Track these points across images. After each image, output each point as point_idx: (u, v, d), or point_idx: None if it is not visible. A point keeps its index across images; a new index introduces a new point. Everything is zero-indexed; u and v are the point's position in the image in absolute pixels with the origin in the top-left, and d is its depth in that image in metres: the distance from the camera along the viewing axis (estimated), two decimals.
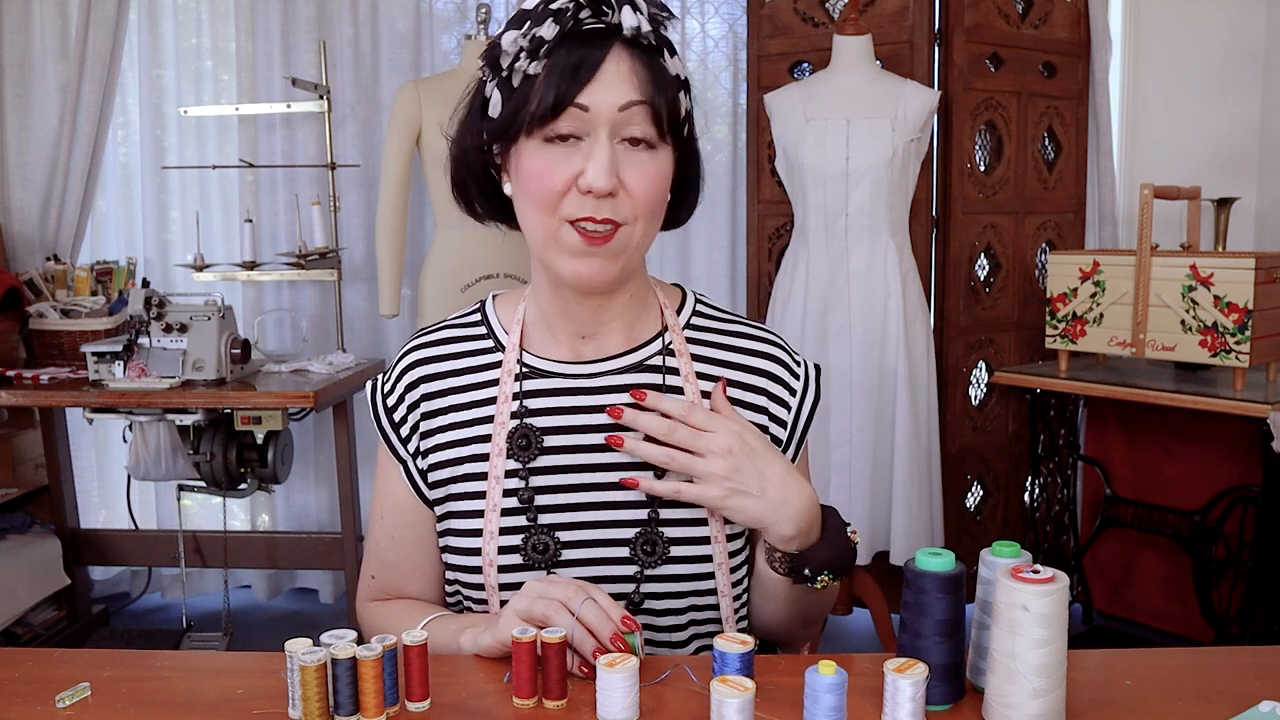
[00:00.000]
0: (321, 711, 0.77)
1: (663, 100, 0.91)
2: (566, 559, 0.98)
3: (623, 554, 0.98)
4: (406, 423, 1.04)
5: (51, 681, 0.87)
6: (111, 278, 2.89)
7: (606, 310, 1.00)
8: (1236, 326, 2.23)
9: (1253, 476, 2.40)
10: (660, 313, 1.05)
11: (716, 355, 1.04)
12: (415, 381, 1.04)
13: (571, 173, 0.90)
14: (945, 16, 2.67)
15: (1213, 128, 3.04)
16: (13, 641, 2.66)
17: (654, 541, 0.98)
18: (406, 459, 1.04)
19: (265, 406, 2.41)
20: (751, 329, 1.07)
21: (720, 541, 0.99)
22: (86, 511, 3.13)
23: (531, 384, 1.02)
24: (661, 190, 0.94)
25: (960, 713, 0.81)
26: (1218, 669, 0.89)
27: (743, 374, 1.03)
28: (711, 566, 0.98)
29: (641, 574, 0.98)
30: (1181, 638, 2.80)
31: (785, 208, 2.69)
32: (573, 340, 1.02)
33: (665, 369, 1.02)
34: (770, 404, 1.03)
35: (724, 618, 1.01)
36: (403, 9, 3.06)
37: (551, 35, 0.88)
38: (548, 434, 1.00)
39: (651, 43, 0.91)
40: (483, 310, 1.08)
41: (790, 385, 1.04)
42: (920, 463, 2.50)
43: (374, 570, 1.09)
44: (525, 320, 1.05)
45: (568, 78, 0.88)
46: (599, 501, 0.99)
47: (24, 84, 2.95)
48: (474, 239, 2.62)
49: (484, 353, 1.05)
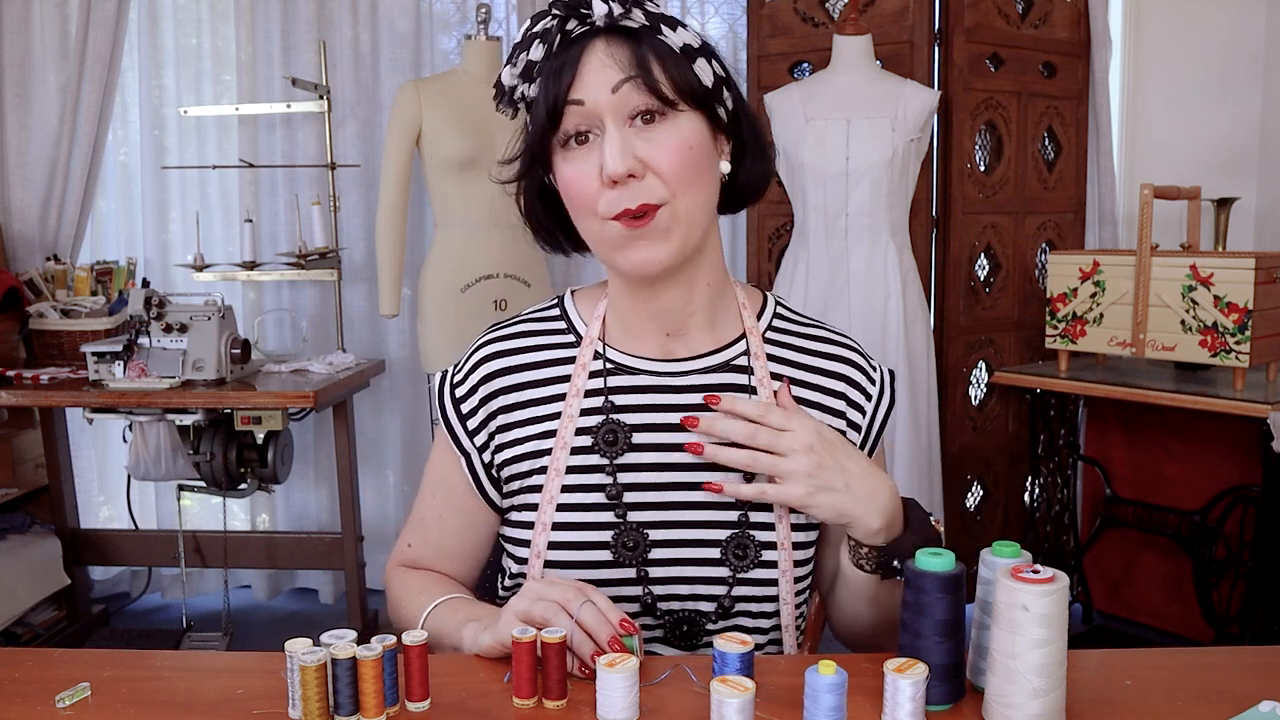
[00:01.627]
0: (321, 711, 0.77)
1: (658, 69, 0.90)
2: (655, 558, 0.98)
3: (713, 555, 0.98)
4: (476, 415, 1.03)
5: (51, 681, 0.87)
6: (111, 278, 2.89)
7: (688, 302, 0.99)
8: (1236, 326, 2.23)
9: (1253, 476, 2.40)
10: (740, 314, 1.04)
11: (795, 358, 1.04)
12: (488, 375, 1.03)
13: (595, 169, 0.90)
14: (945, 16, 2.67)
15: (1213, 128, 3.04)
16: (13, 641, 2.66)
17: (745, 545, 0.98)
18: (471, 451, 1.03)
19: (265, 406, 2.41)
20: (830, 333, 1.07)
21: (786, 548, 0.98)
22: (86, 511, 3.13)
23: (616, 380, 1.01)
24: (689, 158, 0.91)
25: (960, 713, 0.81)
26: (1218, 669, 0.89)
27: (821, 377, 1.03)
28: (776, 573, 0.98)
29: (734, 578, 0.98)
30: (1181, 638, 2.80)
31: (785, 208, 2.69)
32: (659, 337, 1.01)
33: (749, 368, 1.02)
34: (848, 409, 1.03)
35: (784, 625, 1.00)
36: (403, 9, 3.06)
37: (540, 56, 0.91)
38: (636, 431, 0.99)
39: (633, 24, 0.91)
40: (561, 304, 1.07)
41: (867, 390, 1.04)
42: (920, 463, 2.50)
43: (412, 540, 1.10)
44: (606, 320, 1.04)
45: (555, 81, 0.90)
46: (688, 501, 0.98)
47: (24, 84, 2.95)
48: (474, 239, 2.62)
49: (564, 346, 1.03)
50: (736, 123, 0.98)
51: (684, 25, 0.93)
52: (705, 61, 0.93)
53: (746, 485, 0.95)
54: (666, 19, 0.92)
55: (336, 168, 2.93)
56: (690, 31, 0.93)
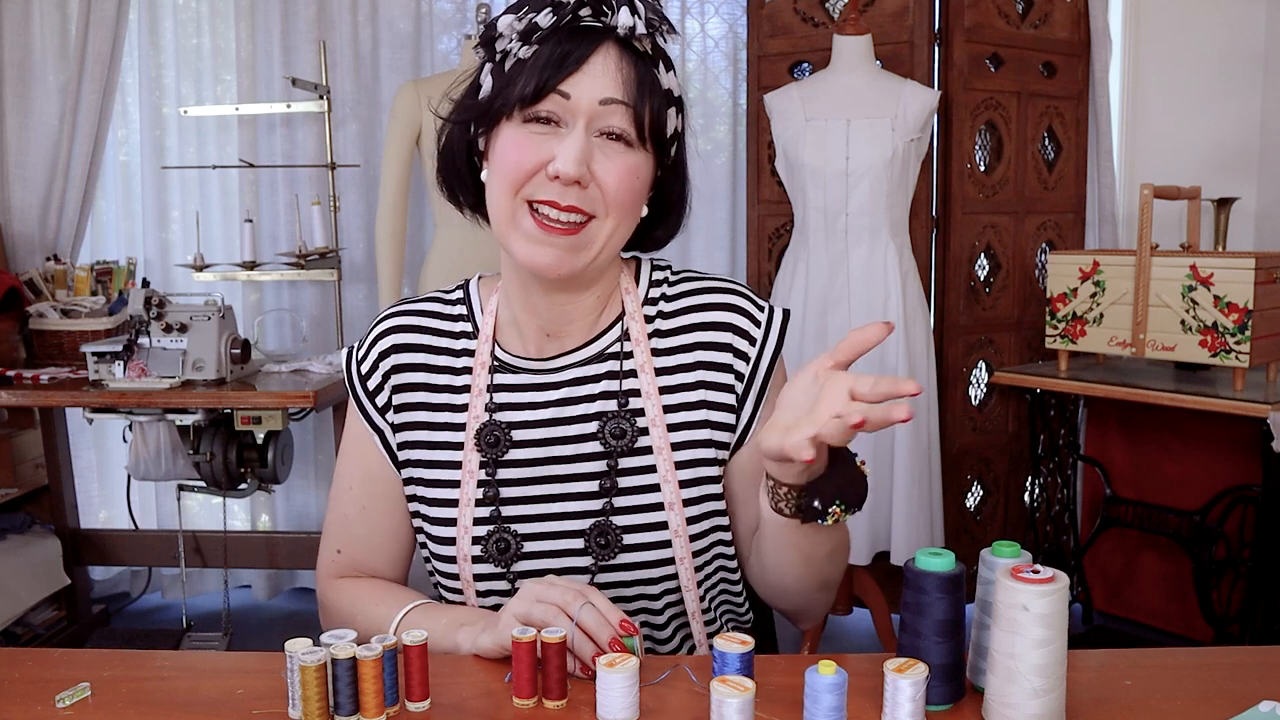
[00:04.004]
0: (321, 711, 0.77)
1: (645, 106, 0.91)
2: (527, 551, 0.99)
3: (578, 545, 0.98)
4: (382, 392, 1.03)
5: (51, 681, 0.87)
6: (111, 278, 2.89)
7: (572, 309, 1.00)
8: (1236, 326, 2.23)
9: (1253, 476, 2.40)
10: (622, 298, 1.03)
11: (675, 324, 1.02)
12: (388, 350, 1.04)
13: (544, 157, 0.90)
14: (945, 16, 2.67)
15: (1213, 128, 3.04)
16: (13, 641, 2.66)
17: (607, 532, 0.97)
18: (384, 428, 1.04)
19: (265, 406, 2.41)
20: (711, 282, 1.05)
21: (680, 535, 0.98)
22: (86, 511, 3.13)
23: (502, 378, 1.02)
24: (634, 187, 0.93)
25: (960, 713, 0.81)
26: (1218, 669, 0.89)
27: (705, 332, 1.01)
28: (671, 553, 0.98)
29: (596, 565, 0.98)
30: (1181, 638, 2.80)
31: (785, 208, 2.69)
32: (539, 337, 1.02)
33: (623, 354, 1.01)
34: (734, 359, 1.01)
35: (689, 612, 1.00)
36: (403, 9, 3.06)
37: (548, 24, 0.89)
38: (516, 429, 1.00)
39: (646, 50, 0.91)
40: (466, 290, 1.07)
41: (751, 334, 1.02)
42: (920, 463, 2.50)
43: (340, 544, 1.07)
44: (498, 316, 1.04)
45: (554, 64, 0.89)
46: (558, 494, 0.99)
47: (24, 84, 2.95)
48: (474, 239, 2.62)
49: (462, 336, 1.04)
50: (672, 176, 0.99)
51: (673, 69, 0.95)
52: (675, 112, 0.95)
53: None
54: (666, 58, 0.94)
55: (336, 168, 2.93)
56: (673, 78, 0.94)
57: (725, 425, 1.01)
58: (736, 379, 1.01)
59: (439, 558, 1.02)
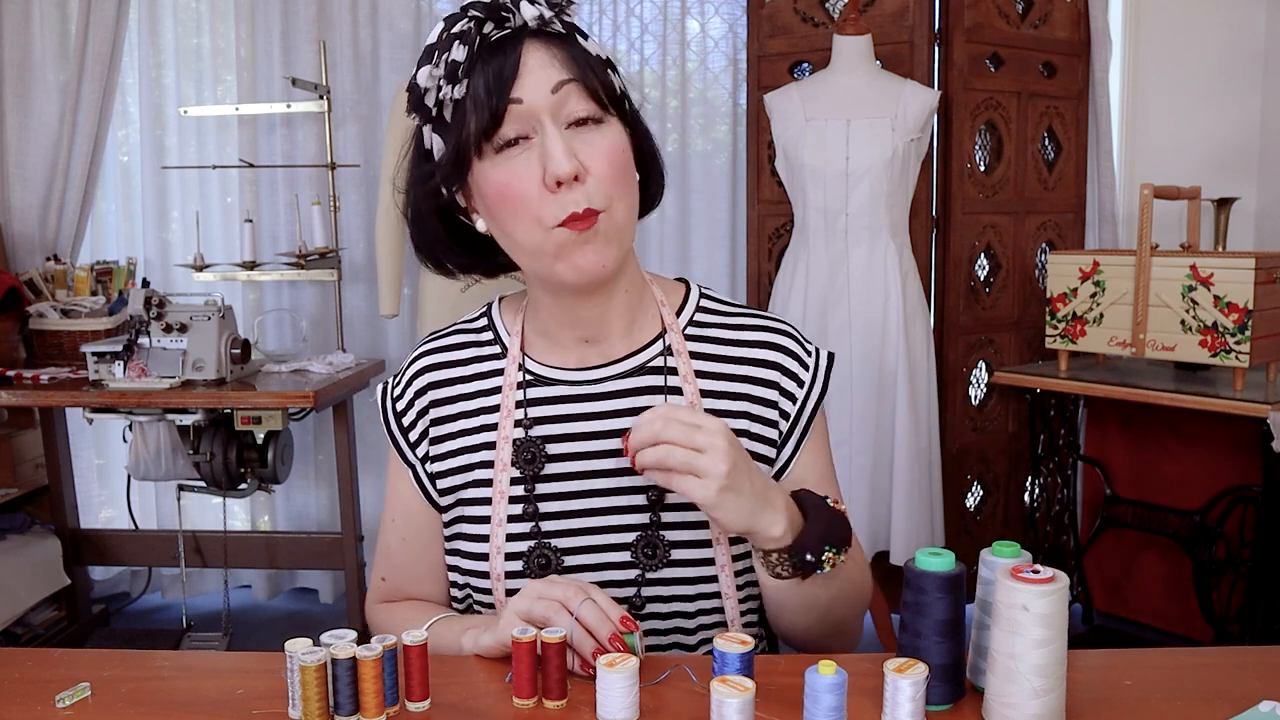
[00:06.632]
0: (321, 711, 0.77)
1: (592, 74, 0.91)
2: (568, 566, 0.98)
3: (624, 558, 0.98)
4: (416, 428, 1.04)
5: (51, 681, 0.87)
6: (111, 278, 2.89)
7: (609, 309, 1.00)
8: (1236, 326, 2.23)
9: (1253, 476, 2.40)
10: (659, 312, 1.04)
11: (720, 352, 1.03)
12: (424, 388, 1.04)
13: (535, 173, 0.89)
14: (945, 16, 2.67)
15: (1213, 128, 3.04)
16: (13, 641, 2.66)
17: (654, 544, 0.97)
18: (415, 463, 1.04)
19: (265, 406, 2.41)
20: (760, 319, 1.05)
21: (722, 544, 0.98)
22: (86, 511, 3.13)
23: (536, 392, 1.01)
24: (623, 162, 0.92)
25: (960, 713, 0.81)
26: (1218, 669, 0.89)
27: (750, 368, 1.02)
28: (715, 569, 0.98)
29: (642, 577, 0.97)
30: (1181, 638, 2.80)
31: (785, 208, 2.69)
32: (578, 346, 1.01)
33: (666, 369, 1.01)
34: (780, 398, 1.02)
35: (729, 620, 1.00)
36: (403, 9, 3.06)
37: (463, 56, 0.88)
38: (551, 442, 0.99)
39: (561, 30, 0.91)
40: (489, 314, 1.08)
41: (799, 376, 1.02)
42: (920, 463, 2.50)
43: (384, 573, 1.10)
44: (525, 331, 1.04)
45: (494, 82, 0.88)
46: (601, 507, 0.99)
47: (24, 84, 2.95)
48: None
49: (491, 359, 1.04)
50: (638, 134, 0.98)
51: (588, 35, 0.94)
52: (612, 73, 0.94)
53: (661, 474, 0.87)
54: (579, 29, 0.93)
55: (336, 168, 2.93)
56: (595, 43, 0.94)
57: (764, 459, 1.01)
58: (782, 417, 1.02)
59: (475, 574, 1.01)
